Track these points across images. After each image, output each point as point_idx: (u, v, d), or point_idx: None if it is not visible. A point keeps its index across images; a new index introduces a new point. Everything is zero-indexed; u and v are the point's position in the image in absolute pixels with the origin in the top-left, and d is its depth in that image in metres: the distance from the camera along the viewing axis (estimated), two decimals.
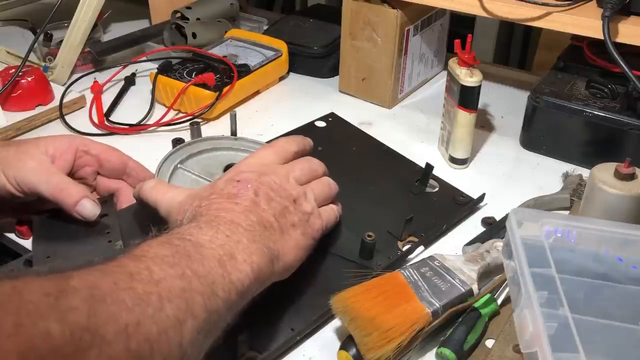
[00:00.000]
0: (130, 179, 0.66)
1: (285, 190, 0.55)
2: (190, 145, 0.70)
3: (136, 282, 0.39)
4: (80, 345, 0.33)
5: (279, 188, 0.55)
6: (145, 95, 0.91)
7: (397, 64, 0.88)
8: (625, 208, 0.58)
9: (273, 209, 0.53)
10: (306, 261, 0.61)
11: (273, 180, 0.55)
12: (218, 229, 0.48)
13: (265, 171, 0.56)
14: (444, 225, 0.67)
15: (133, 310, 0.37)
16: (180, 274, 0.42)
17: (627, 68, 0.66)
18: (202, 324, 0.42)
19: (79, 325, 0.34)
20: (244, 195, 0.53)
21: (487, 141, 0.84)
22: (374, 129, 0.85)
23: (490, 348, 0.53)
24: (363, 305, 0.52)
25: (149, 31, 1.01)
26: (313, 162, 0.61)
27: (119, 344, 0.35)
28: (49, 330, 0.32)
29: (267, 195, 0.54)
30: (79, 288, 0.36)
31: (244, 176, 0.55)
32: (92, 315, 0.35)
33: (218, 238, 0.47)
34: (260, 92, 0.95)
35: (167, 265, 0.42)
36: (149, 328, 0.37)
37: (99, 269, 0.39)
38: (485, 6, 0.76)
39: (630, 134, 0.73)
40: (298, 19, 1.05)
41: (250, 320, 0.54)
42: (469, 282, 0.55)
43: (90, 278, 0.37)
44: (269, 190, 0.54)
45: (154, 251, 0.43)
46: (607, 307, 0.50)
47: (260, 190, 0.54)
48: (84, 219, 0.59)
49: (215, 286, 0.44)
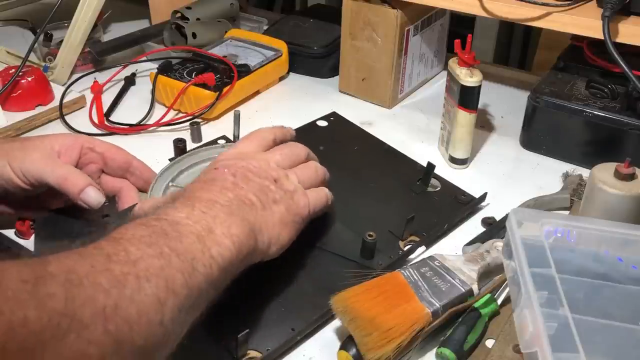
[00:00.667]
0: (134, 177, 0.66)
1: (264, 172, 0.56)
2: (179, 162, 0.70)
3: (113, 263, 0.39)
4: (59, 331, 0.34)
5: (258, 170, 0.56)
6: (145, 95, 0.91)
7: (397, 64, 0.88)
8: (625, 208, 0.58)
9: (252, 188, 0.53)
10: (306, 261, 0.61)
11: (252, 164, 0.56)
12: (194, 206, 0.48)
13: (243, 157, 0.57)
14: (446, 224, 0.67)
15: (110, 292, 0.37)
16: (159, 253, 0.42)
17: (627, 68, 0.66)
18: (184, 301, 0.42)
19: (56, 311, 0.34)
20: (222, 179, 0.53)
21: (487, 141, 0.84)
22: (374, 129, 0.85)
23: (490, 348, 0.53)
24: (363, 305, 0.52)
25: (149, 31, 1.01)
26: (296, 146, 0.62)
27: (98, 327, 0.36)
28: (27, 318, 0.33)
29: (245, 176, 0.54)
30: (56, 274, 0.36)
31: (221, 163, 0.56)
32: (69, 300, 0.35)
33: (194, 214, 0.47)
34: (260, 92, 0.95)
35: (144, 244, 0.42)
36: (127, 309, 0.38)
37: (77, 252, 0.39)
38: (485, 6, 0.76)
39: (630, 134, 0.73)
40: (298, 19, 1.05)
41: (250, 320, 0.54)
42: (469, 282, 0.55)
43: (67, 262, 0.38)
44: (247, 172, 0.55)
45: (130, 232, 0.43)
46: (607, 307, 0.50)
47: (238, 172, 0.54)
48: (88, 207, 0.59)
49: (195, 262, 0.44)
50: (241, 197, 0.52)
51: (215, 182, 0.53)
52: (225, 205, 0.50)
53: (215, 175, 0.54)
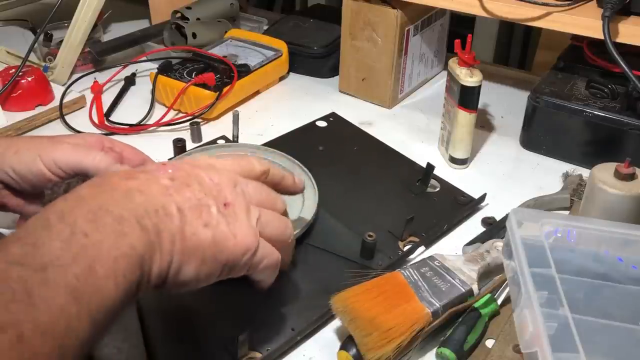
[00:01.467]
0: None
1: (219, 191, 0.46)
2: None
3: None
4: None
5: (211, 185, 0.46)
6: (145, 95, 0.91)
7: (397, 64, 0.88)
8: (625, 208, 0.58)
9: (184, 200, 0.43)
10: (306, 261, 0.61)
11: (209, 176, 0.46)
12: (74, 227, 0.37)
13: (207, 168, 0.47)
14: (445, 225, 0.67)
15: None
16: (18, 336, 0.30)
17: (627, 68, 0.66)
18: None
19: None
20: (152, 177, 0.44)
21: (487, 141, 0.84)
22: (373, 129, 0.85)
23: (490, 348, 0.53)
24: (363, 306, 0.52)
25: (149, 31, 1.01)
26: (279, 197, 0.51)
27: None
28: None
29: (186, 186, 0.44)
30: None
31: (177, 163, 0.48)
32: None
33: (72, 244, 0.36)
34: (260, 92, 0.95)
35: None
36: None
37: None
38: (485, 6, 0.76)
39: (630, 134, 0.73)
40: (298, 19, 1.05)
41: (250, 320, 0.54)
42: (469, 282, 0.55)
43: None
44: (193, 182, 0.45)
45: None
46: (607, 307, 0.50)
47: (181, 177, 0.45)
48: None
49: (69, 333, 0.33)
50: (156, 205, 0.42)
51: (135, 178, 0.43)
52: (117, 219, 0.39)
53: (149, 169, 0.45)
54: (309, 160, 0.72)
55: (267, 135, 0.82)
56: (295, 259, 0.60)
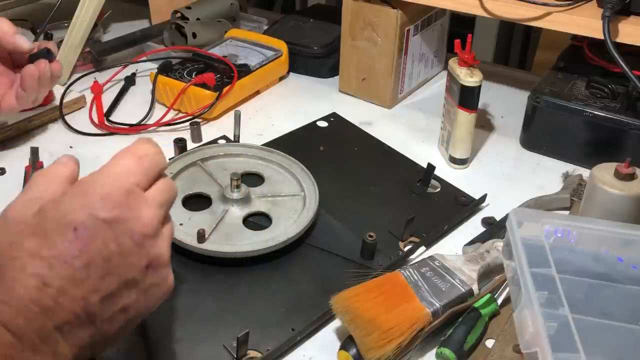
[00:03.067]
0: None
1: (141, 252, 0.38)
2: (177, 160, 0.71)
3: None
4: None
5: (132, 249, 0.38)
6: (145, 95, 0.91)
7: (397, 64, 0.88)
8: (625, 208, 0.58)
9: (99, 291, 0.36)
10: (306, 261, 0.61)
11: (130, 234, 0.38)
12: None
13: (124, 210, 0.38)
14: (446, 225, 0.67)
15: None
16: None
17: (627, 68, 0.66)
18: None
19: None
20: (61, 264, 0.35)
21: (487, 141, 0.84)
22: (373, 128, 0.85)
23: (490, 348, 0.53)
24: (363, 306, 0.52)
25: (149, 31, 1.01)
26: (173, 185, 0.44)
27: None
28: None
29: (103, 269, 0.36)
30: None
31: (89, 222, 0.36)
32: None
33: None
34: (260, 92, 0.95)
35: None
36: None
37: None
38: (485, 6, 0.76)
39: (630, 134, 0.73)
40: (298, 19, 1.05)
41: (250, 320, 0.54)
42: (469, 282, 0.55)
43: None
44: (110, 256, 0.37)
45: None
46: (607, 307, 0.49)
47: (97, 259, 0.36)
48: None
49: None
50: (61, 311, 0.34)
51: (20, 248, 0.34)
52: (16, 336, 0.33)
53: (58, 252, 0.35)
54: (310, 160, 0.72)
55: (267, 136, 0.82)
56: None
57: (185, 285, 0.58)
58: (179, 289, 0.57)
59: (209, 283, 0.58)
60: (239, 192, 0.65)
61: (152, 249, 0.39)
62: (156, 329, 0.54)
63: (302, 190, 0.68)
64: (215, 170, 0.70)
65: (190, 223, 0.63)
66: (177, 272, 0.59)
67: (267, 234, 0.62)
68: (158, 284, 0.40)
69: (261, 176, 0.71)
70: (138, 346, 0.52)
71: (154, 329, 0.54)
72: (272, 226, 0.64)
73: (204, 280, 0.59)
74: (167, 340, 0.53)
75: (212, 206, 0.66)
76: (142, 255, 0.38)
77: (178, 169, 0.70)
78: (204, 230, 0.60)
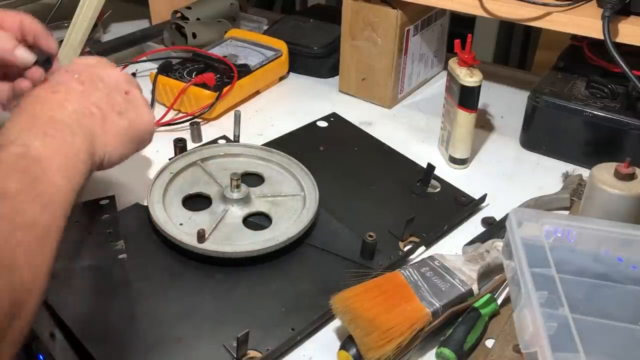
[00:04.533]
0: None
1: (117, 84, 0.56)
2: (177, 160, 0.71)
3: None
4: None
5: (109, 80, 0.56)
6: (145, 95, 0.90)
7: (397, 64, 0.88)
8: (625, 208, 0.58)
9: (97, 98, 0.54)
10: (306, 261, 0.61)
11: (106, 73, 0.57)
12: (46, 131, 0.48)
13: (100, 66, 0.57)
14: (446, 225, 0.67)
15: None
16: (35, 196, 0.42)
17: (627, 68, 0.66)
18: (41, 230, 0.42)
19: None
20: (67, 84, 0.53)
21: (487, 141, 0.84)
22: (373, 128, 0.85)
23: (490, 348, 0.53)
24: (363, 305, 0.52)
25: (149, 31, 1.01)
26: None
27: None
28: None
29: (94, 84, 0.55)
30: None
31: (74, 67, 0.56)
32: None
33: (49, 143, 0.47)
34: (260, 92, 0.95)
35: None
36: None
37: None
38: (485, 6, 0.76)
39: (630, 134, 0.73)
40: (298, 19, 1.05)
41: (250, 320, 0.54)
42: (469, 282, 0.55)
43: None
44: (98, 81, 0.55)
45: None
46: (607, 307, 0.50)
47: (88, 79, 0.55)
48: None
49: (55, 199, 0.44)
50: (82, 109, 0.52)
51: (58, 90, 0.52)
52: (68, 124, 0.50)
53: (61, 80, 0.54)
54: (310, 160, 0.72)
55: (267, 135, 0.82)
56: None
57: (186, 285, 0.58)
58: (179, 289, 0.57)
59: (209, 283, 0.58)
60: (239, 192, 0.65)
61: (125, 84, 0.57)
62: (156, 329, 0.54)
63: (302, 190, 0.68)
64: (215, 170, 0.70)
65: (190, 223, 0.63)
66: (177, 272, 0.59)
67: (267, 234, 0.62)
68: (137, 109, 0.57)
69: (261, 176, 0.71)
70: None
71: (154, 329, 0.54)
72: (272, 226, 0.64)
73: (204, 280, 0.59)
74: (167, 340, 0.53)
75: (212, 206, 0.66)
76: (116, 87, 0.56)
77: (178, 169, 0.70)
78: (204, 230, 0.60)
